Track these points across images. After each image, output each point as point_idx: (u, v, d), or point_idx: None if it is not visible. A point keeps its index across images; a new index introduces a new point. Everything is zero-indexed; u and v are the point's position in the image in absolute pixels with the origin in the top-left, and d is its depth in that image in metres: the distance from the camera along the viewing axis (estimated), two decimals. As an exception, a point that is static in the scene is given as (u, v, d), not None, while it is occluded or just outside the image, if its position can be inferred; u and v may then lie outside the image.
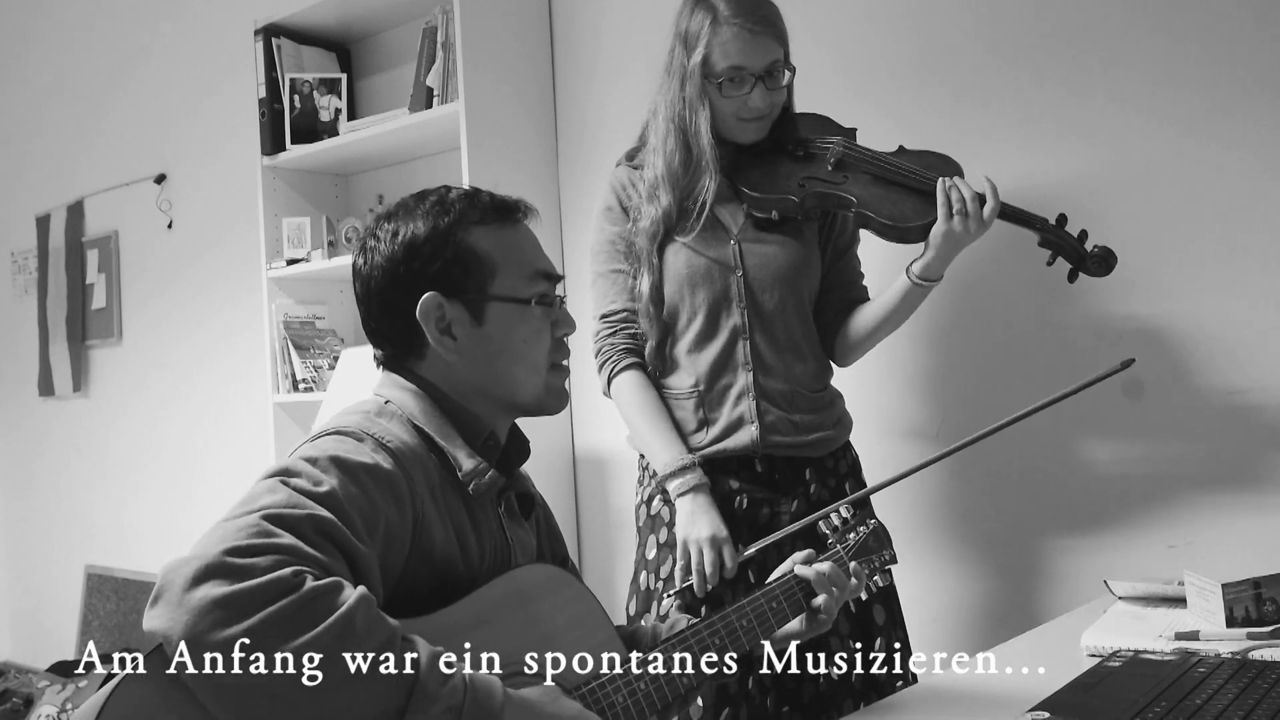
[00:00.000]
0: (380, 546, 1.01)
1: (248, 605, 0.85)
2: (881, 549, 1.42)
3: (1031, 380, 2.05)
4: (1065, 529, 2.02)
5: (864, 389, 2.23)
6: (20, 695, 3.69)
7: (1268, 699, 1.06)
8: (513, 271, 1.18)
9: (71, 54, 4.16)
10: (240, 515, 0.93)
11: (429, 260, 1.15)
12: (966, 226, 1.63)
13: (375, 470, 1.03)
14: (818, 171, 1.75)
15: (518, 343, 1.18)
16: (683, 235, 1.73)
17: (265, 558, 0.88)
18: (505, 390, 1.19)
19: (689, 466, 1.68)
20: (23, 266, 4.44)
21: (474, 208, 1.18)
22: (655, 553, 1.74)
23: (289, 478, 0.99)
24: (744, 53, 1.66)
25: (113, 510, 4.03)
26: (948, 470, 2.16)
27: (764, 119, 1.73)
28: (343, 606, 0.88)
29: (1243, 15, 1.82)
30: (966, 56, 2.10)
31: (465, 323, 1.17)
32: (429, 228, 1.16)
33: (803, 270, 1.77)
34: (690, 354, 1.75)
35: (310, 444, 1.07)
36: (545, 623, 1.12)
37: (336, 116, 2.95)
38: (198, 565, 0.87)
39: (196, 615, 0.85)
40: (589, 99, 2.68)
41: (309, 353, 2.98)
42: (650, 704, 1.15)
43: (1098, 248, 1.70)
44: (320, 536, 0.94)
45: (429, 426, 1.14)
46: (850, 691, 1.70)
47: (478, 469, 1.14)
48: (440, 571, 1.08)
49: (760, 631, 1.25)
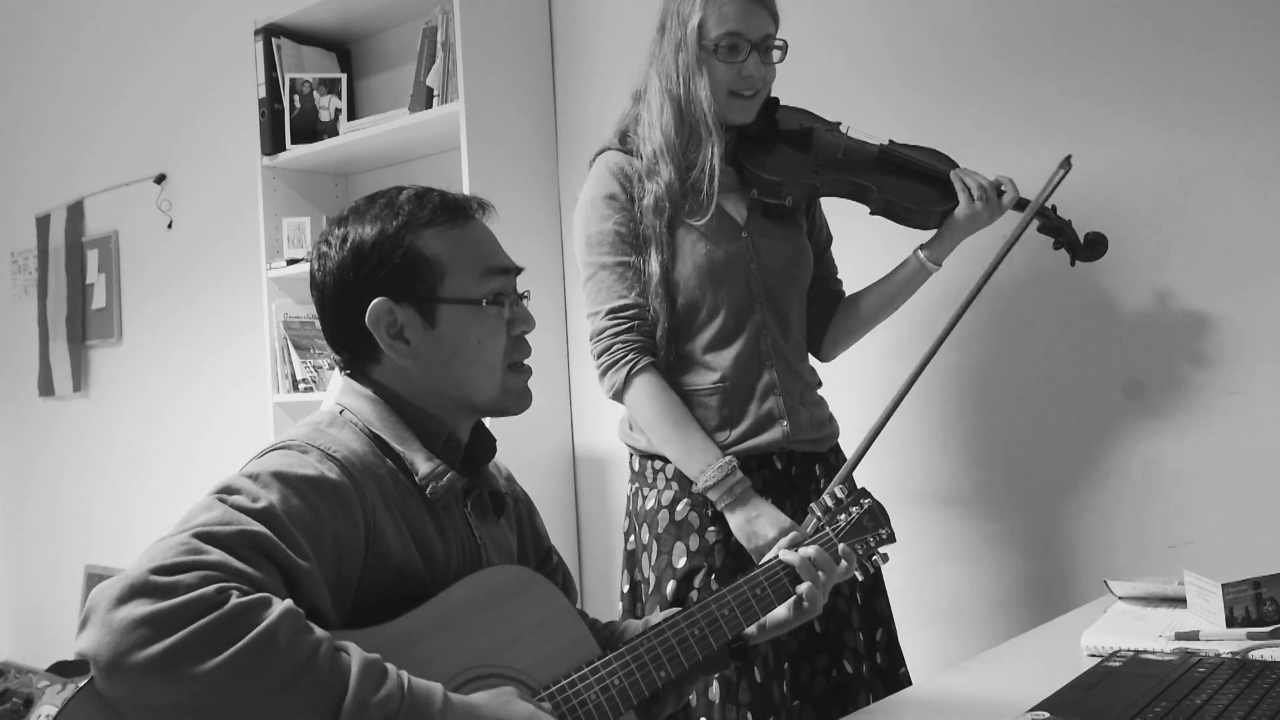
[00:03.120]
0: (329, 560, 1.00)
1: (170, 623, 0.84)
2: (878, 527, 1.39)
3: (1031, 379, 2.05)
4: (1065, 529, 2.02)
5: (860, 389, 2.23)
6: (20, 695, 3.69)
7: (1268, 699, 1.06)
8: (463, 271, 1.16)
9: (71, 54, 4.16)
10: (173, 534, 0.93)
11: (377, 266, 1.14)
12: (989, 211, 1.71)
13: (320, 482, 1.02)
14: (829, 159, 1.76)
15: (472, 344, 1.17)
16: (694, 217, 1.68)
17: (191, 574, 0.87)
18: (462, 392, 1.18)
19: (729, 474, 1.62)
20: (23, 266, 4.44)
21: (422, 209, 1.16)
22: (686, 561, 1.66)
23: (228, 495, 0.98)
24: (741, 18, 1.66)
25: (113, 510, 4.03)
26: (948, 470, 2.16)
27: (756, 96, 1.72)
28: (265, 620, 0.87)
29: (1242, 14, 1.82)
30: (967, 51, 2.10)
31: (418, 326, 1.15)
32: (376, 232, 1.15)
33: (805, 264, 1.78)
34: (711, 351, 1.70)
35: (256, 460, 1.06)
36: (513, 624, 1.11)
37: (336, 116, 2.95)
38: (123, 585, 0.86)
39: (119, 634, 0.84)
40: (589, 99, 2.68)
41: (309, 353, 2.98)
42: (625, 699, 1.13)
43: (1089, 233, 1.79)
44: (253, 552, 0.93)
45: (385, 432, 1.13)
46: (863, 684, 1.70)
47: (435, 472, 1.12)
48: (402, 578, 1.07)
49: (743, 619, 1.24)
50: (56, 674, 3.71)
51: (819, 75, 2.24)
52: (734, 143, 1.75)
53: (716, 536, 1.66)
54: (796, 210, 1.77)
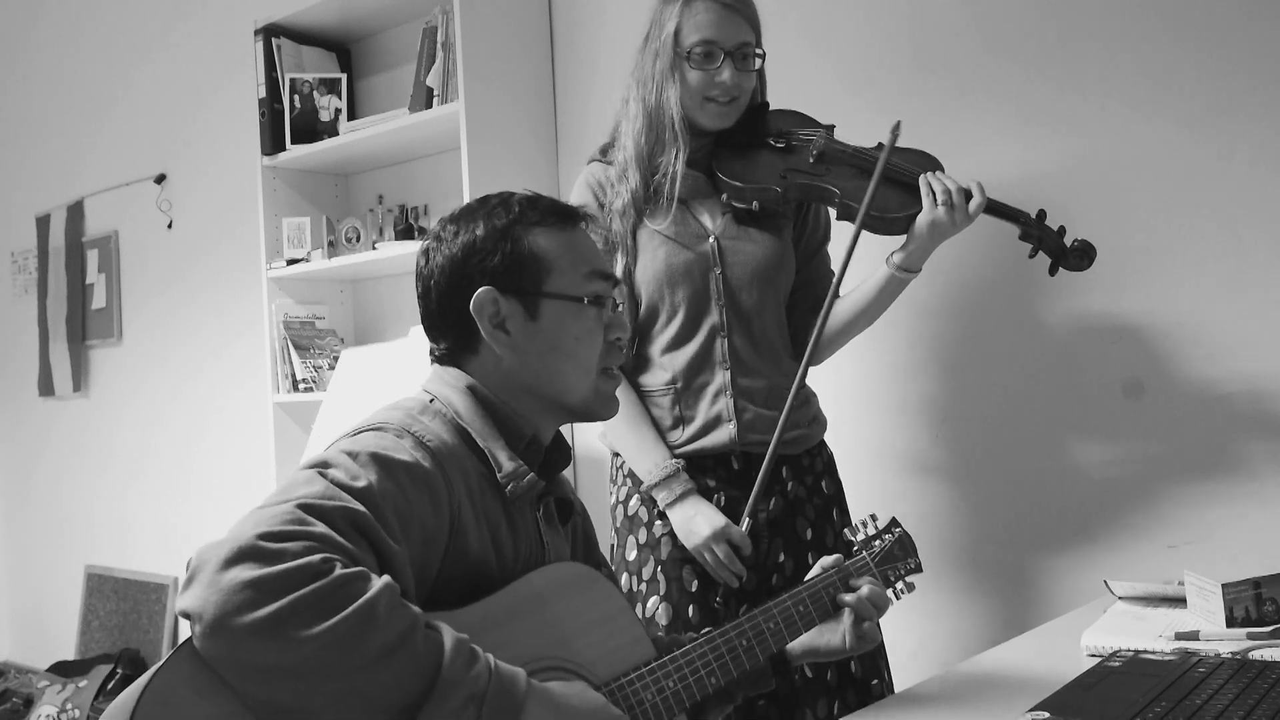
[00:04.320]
0: (415, 545, 1.02)
1: (277, 588, 0.87)
2: (906, 557, 1.42)
3: (1031, 379, 2.05)
4: (1065, 529, 2.02)
5: (860, 389, 2.23)
6: (20, 695, 3.69)
7: (1268, 699, 1.06)
8: (569, 270, 1.20)
9: (72, 54, 4.16)
10: (277, 503, 0.95)
11: (487, 256, 1.17)
12: (952, 218, 1.64)
13: (413, 469, 1.04)
14: (800, 163, 1.75)
15: (570, 340, 1.19)
16: (655, 221, 1.72)
17: (297, 543, 0.90)
18: (555, 389, 1.20)
19: (674, 474, 1.67)
20: (23, 266, 4.44)
21: (534, 209, 1.21)
22: (635, 554, 1.72)
23: (327, 469, 1.01)
24: (714, 25, 1.67)
25: (113, 510, 4.03)
26: (948, 470, 2.16)
27: (732, 103, 1.72)
28: (368, 593, 0.90)
29: (1241, 12, 1.82)
30: (961, 52, 2.10)
31: (519, 318, 1.18)
32: (488, 227, 1.19)
33: (780, 268, 1.77)
34: (667, 353, 1.74)
35: (351, 438, 1.08)
36: (571, 620, 1.13)
37: (336, 116, 2.95)
38: (231, 548, 0.89)
39: (226, 595, 0.86)
40: (589, 99, 2.68)
41: (309, 353, 2.98)
42: (679, 702, 1.16)
43: (1078, 241, 1.72)
44: (352, 529, 0.96)
45: (472, 426, 1.15)
46: (825, 689, 1.69)
47: (517, 471, 1.15)
48: (475, 572, 1.09)
49: (788, 634, 1.27)
50: (56, 674, 3.72)
51: (812, 76, 2.25)
52: (710, 148, 1.76)
53: (663, 530, 1.71)
54: (777, 214, 1.77)
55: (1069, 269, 1.73)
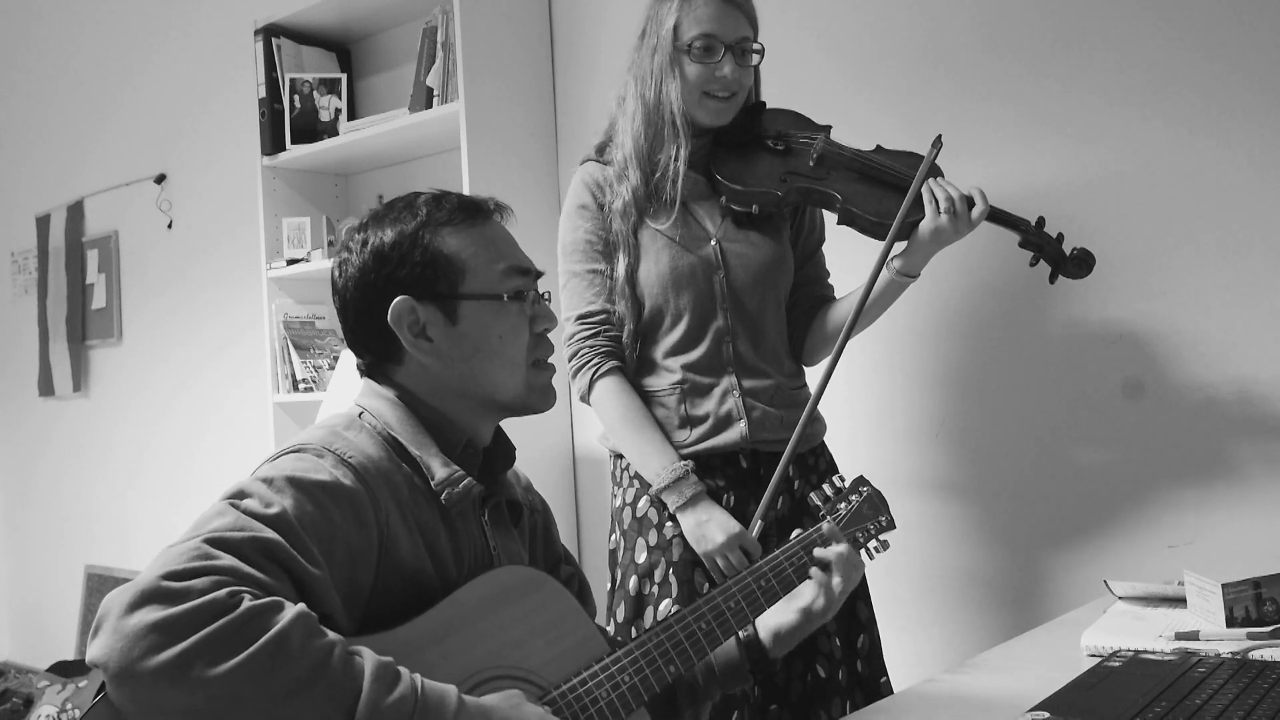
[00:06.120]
0: (341, 566, 1.00)
1: (181, 628, 0.84)
2: (877, 515, 1.39)
3: (1031, 379, 2.05)
4: (1065, 529, 2.02)
5: (860, 389, 2.23)
6: (20, 695, 3.69)
7: (1268, 699, 1.06)
8: (484, 268, 1.17)
9: (71, 54, 4.16)
10: (184, 540, 0.93)
11: (398, 265, 1.15)
12: (954, 226, 1.63)
13: (333, 487, 1.02)
14: (800, 166, 1.74)
15: (494, 339, 1.17)
16: (657, 221, 1.71)
17: (202, 579, 0.87)
18: (484, 390, 1.18)
19: (683, 477, 1.65)
20: (23, 266, 4.44)
21: (440, 209, 1.18)
22: (646, 556, 1.70)
23: (240, 500, 0.98)
24: (715, 19, 1.67)
25: (113, 510, 4.03)
26: (948, 471, 2.16)
27: (732, 98, 1.72)
28: (277, 624, 0.87)
29: (1242, 14, 1.82)
30: (965, 53, 2.10)
31: (440, 323, 1.16)
32: (395, 233, 1.16)
33: (780, 270, 1.77)
34: (672, 356, 1.72)
35: (270, 463, 1.05)
36: (517, 625, 1.11)
37: (336, 116, 2.95)
38: (134, 591, 0.86)
39: (131, 641, 0.84)
40: (589, 99, 2.68)
41: (309, 353, 2.98)
42: (636, 697, 1.13)
43: (1077, 249, 1.71)
44: (264, 558, 0.93)
45: (403, 435, 1.13)
46: (838, 690, 1.69)
47: (452, 477, 1.12)
48: (413, 584, 1.07)
49: (750, 612, 1.24)
50: (56, 674, 3.71)
51: (812, 75, 2.25)
52: (708, 149, 1.76)
53: (674, 531, 1.69)
54: (775, 216, 1.76)
55: (1068, 277, 1.73)
